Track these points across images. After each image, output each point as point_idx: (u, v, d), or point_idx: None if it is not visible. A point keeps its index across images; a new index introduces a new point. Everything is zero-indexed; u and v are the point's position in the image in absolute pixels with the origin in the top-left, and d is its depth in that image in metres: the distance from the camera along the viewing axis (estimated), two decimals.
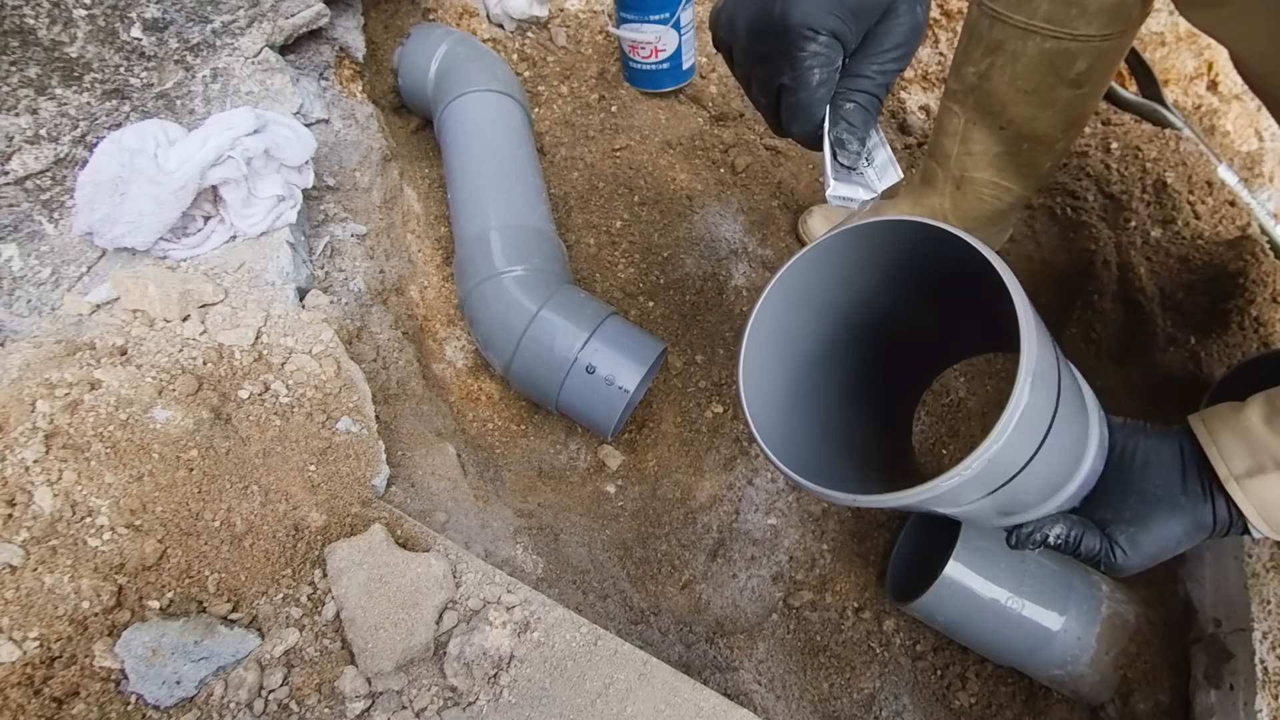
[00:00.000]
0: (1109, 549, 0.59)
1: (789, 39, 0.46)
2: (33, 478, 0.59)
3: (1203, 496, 0.58)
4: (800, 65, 0.47)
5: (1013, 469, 0.51)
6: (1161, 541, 0.59)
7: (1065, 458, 0.56)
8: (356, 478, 0.68)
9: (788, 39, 0.47)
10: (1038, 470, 0.53)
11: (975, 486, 0.51)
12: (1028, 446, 0.50)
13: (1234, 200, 1.08)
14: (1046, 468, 0.54)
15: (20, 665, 0.53)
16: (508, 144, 1.05)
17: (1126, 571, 0.60)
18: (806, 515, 1.02)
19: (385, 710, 0.57)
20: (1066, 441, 0.55)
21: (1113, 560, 0.59)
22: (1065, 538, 0.61)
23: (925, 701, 0.95)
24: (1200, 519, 0.58)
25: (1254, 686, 0.75)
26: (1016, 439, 0.47)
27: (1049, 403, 0.50)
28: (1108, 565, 0.60)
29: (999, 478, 0.51)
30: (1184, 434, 0.61)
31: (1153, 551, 0.59)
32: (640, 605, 0.90)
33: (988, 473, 0.49)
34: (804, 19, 0.45)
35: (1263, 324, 0.94)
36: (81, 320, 0.73)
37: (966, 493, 0.51)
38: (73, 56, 0.76)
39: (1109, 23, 0.73)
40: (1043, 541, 0.62)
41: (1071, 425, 0.54)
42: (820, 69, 0.48)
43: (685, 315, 1.12)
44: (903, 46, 0.50)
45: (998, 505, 0.57)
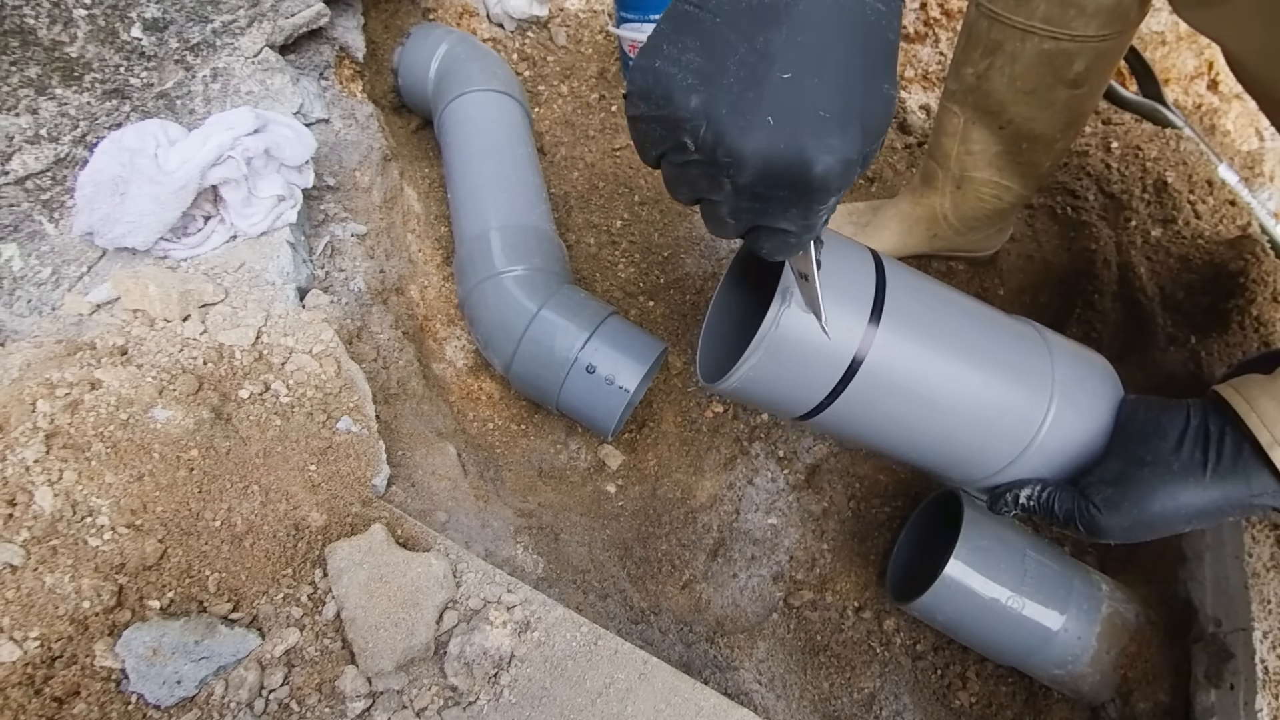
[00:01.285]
0: (1084, 507, 0.58)
1: (813, 196, 0.37)
2: (33, 477, 0.59)
3: (1204, 466, 0.55)
4: (814, 217, 0.39)
5: (806, 389, 0.57)
6: (1146, 505, 0.56)
7: (960, 411, 0.60)
8: (357, 477, 0.68)
9: (811, 196, 0.37)
10: (895, 407, 0.59)
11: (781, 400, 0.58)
12: (807, 379, 0.56)
13: (1234, 199, 1.08)
14: (917, 409, 0.59)
15: (21, 665, 0.53)
16: (508, 143, 1.05)
17: (1110, 534, 0.58)
18: (807, 515, 1.02)
19: (386, 710, 0.57)
20: (957, 397, 0.59)
21: (1088, 517, 0.57)
22: (1037, 498, 0.61)
23: (925, 701, 0.95)
24: (1208, 488, 0.55)
25: (1254, 686, 0.75)
26: (781, 352, 0.54)
27: (845, 329, 0.55)
28: (1085, 524, 0.58)
29: (793, 399, 0.58)
30: (1198, 405, 0.59)
31: (1137, 515, 0.56)
32: (640, 605, 0.90)
33: (770, 381, 0.56)
34: (842, 181, 0.36)
35: (1263, 323, 0.94)
36: (82, 320, 0.73)
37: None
38: (73, 56, 0.76)
39: (1107, 23, 0.73)
40: (1015, 504, 0.62)
41: (966, 379, 0.59)
42: (829, 215, 0.40)
43: (685, 315, 1.12)
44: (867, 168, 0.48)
45: (895, 441, 0.63)
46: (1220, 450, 0.55)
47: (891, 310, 0.56)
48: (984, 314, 0.64)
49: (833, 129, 0.35)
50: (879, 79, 0.37)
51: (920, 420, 0.60)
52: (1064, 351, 0.65)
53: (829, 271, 0.53)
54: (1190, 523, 0.56)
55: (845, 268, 0.56)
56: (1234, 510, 0.56)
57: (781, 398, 0.59)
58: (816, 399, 0.58)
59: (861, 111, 0.36)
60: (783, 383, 0.57)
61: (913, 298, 0.59)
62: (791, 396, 0.58)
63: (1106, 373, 0.66)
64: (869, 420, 0.60)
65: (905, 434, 0.62)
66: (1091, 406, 0.63)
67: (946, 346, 0.59)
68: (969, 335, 0.61)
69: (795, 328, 0.53)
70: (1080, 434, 0.62)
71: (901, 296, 0.57)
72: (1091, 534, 0.58)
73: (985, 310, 0.65)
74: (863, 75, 0.36)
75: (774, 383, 0.57)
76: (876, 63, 0.36)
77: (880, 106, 0.37)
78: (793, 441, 1.07)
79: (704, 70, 0.35)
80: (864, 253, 0.59)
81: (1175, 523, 0.57)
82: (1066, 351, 0.65)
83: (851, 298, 0.55)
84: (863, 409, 0.59)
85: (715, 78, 0.35)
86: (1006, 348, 0.62)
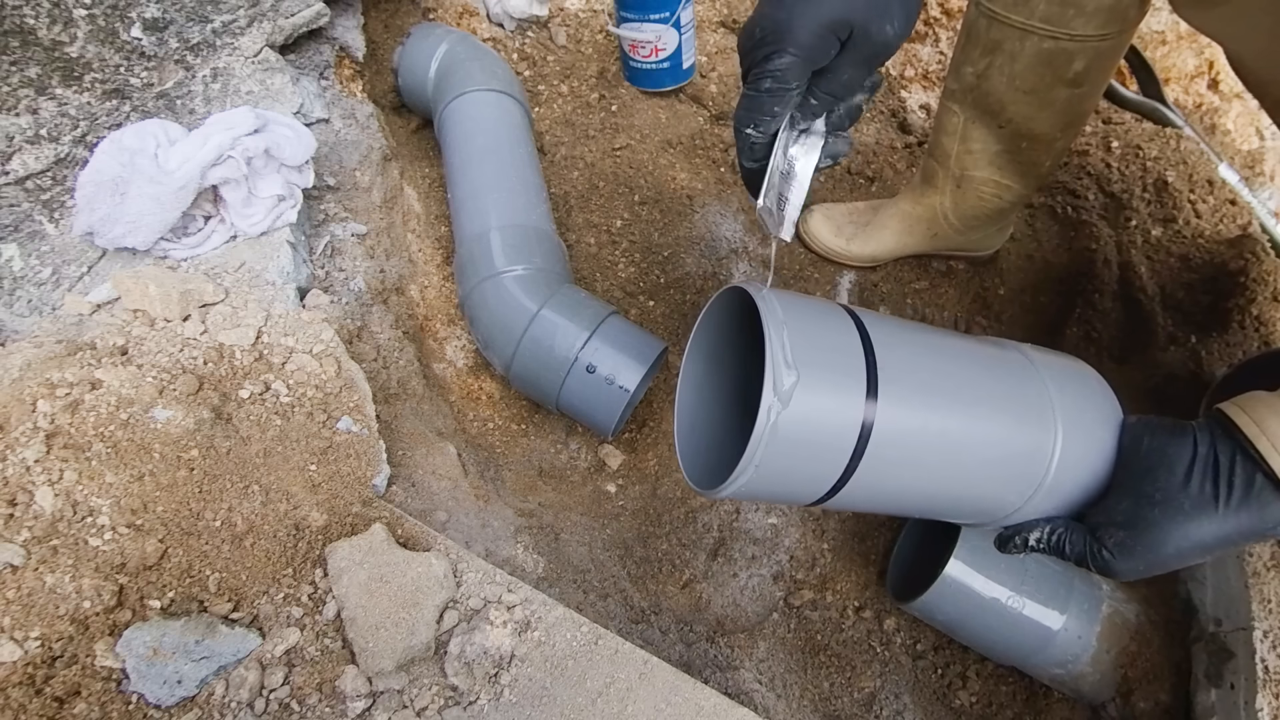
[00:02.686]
0: (1095, 550, 0.56)
1: (765, 43, 0.49)
2: (34, 477, 0.59)
3: (1215, 500, 0.52)
4: (765, 72, 0.50)
5: (814, 482, 0.54)
6: (1160, 548, 0.54)
7: (970, 466, 0.57)
8: (357, 477, 0.68)
9: (764, 44, 0.49)
10: (906, 476, 0.56)
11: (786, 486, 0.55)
12: (822, 458, 0.53)
13: (1235, 199, 1.08)
14: (928, 473, 0.57)
15: (22, 665, 0.53)
16: (508, 143, 1.05)
17: (1124, 576, 0.56)
18: (807, 515, 1.02)
19: (386, 709, 0.57)
20: (963, 450, 0.57)
21: (1101, 561, 0.56)
22: (1046, 540, 0.59)
23: (926, 700, 0.95)
24: (1222, 522, 0.52)
25: (1255, 685, 0.75)
26: (782, 454, 0.51)
27: (845, 414, 0.52)
28: (1098, 567, 0.57)
29: (805, 486, 0.55)
30: (1204, 428, 0.56)
31: (1151, 558, 0.54)
32: (641, 604, 0.90)
33: (774, 482, 0.53)
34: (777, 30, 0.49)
35: (1263, 323, 0.94)
36: (82, 320, 0.73)
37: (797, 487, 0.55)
38: (73, 56, 0.76)
39: (1106, 23, 0.73)
40: (1025, 545, 0.61)
41: (970, 432, 0.57)
42: (781, 84, 0.50)
43: (686, 314, 1.12)
44: (865, 73, 0.52)
45: (909, 506, 0.61)
46: (1232, 482, 0.53)
47: (886, 379, 0.54)
48: (972, 353, 0.61)
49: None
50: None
51: (933, 480, 0.58)
52: (1056, 374, 0.62)
53: (812, 350, 0.52)
54: (1204, 555, 0.54)
55: (829, 344, 0.53)
56: (1248, 540, 0.54)
57: (789, 492, 0.56)
58: (826, 487, 0.55)
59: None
60: (788, 478, 0.54)
61: (903, 358, 0.56)
62: (800, 489, 0.55)
63: (1101, 388, 0.64)
64: (884, 491, 0.58)
65: (920, 496, 0.59)
66: (1095, 431, 0.60)
67: (947, 401, 0.56)
68: (965, 382, 0.58)
69: (792, 426, 0.50)
70: (1088, 462, 0.59)
71: (892, 361, 0.55)
72: (1104, 574, 0.57)
73: (971, 346, 0.62)
74: None
75: (779, 479, 0.53)
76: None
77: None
78: None
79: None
80: (845, 321, 0.56)
81: (1189, 558, 0.55)
82: (1058, 373, 0.62)
83: (843, 376, 0.52)
84: (875, 483, 0.56)
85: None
86: (1003, 385, 0.60)
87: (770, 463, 0.51)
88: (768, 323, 0.51)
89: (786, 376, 0.50)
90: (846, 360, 0.53)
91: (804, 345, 0.51)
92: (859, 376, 0.53)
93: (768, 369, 0.50)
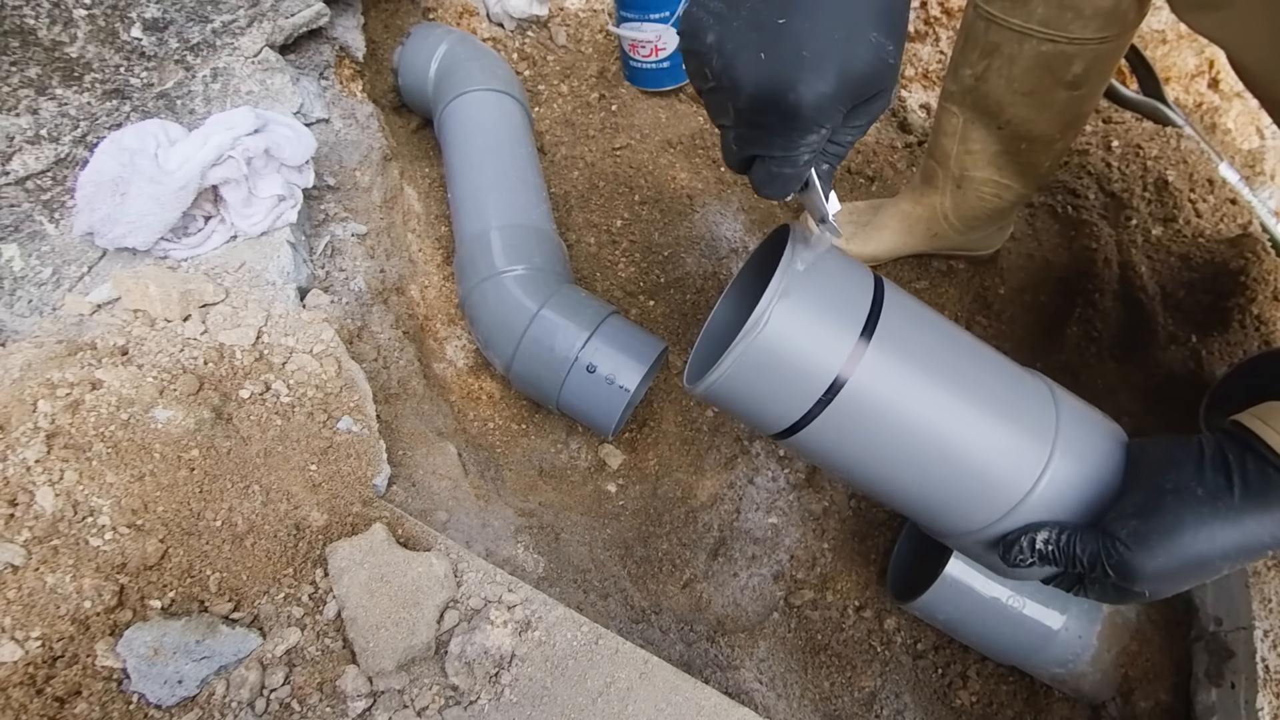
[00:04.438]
0: (1109, 546, 0.53)
1: (792, 126, 0.43)
2: (34, 478, 0.59)
3: (1230, 489, 0.51)
4: (795, 149, 0.44)
5: (781, 406, 0.54)
6: (1177, 535, 0.50)
7: (943, 457, 0.56)
8: (357, 477, 0.68)
9: (791, 125, 0.43)
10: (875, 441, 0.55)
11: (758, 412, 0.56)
12: (788, 390, 0.53)
13: (1235, 198, 1.08)
14: (898, 446, 0.56)
15: (23, 665, 0.53)
16: (508, 143, 1.05)
17: (1142, 574, 0.51)
18: (808, 514, 1.02)
19: (387, 709, 0.57)
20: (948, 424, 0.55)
21: (1116, 557, 0.52)
22: (1055, 541, 0.55)
23: (926, 700, 0.95)
24: (1239, 515, 0.50)
25: (1255, 685, 0.75)
26: (758, 364, 0.52)
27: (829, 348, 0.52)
28: (1114, 566, 0.52)
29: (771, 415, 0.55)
30: (1208, 438, 0.55)
31: (1169, 549, 0.51)
32: (641, 604, 0.90)
33: (744, 392, 0.54)
34: (816, 114, 0.42)
35: (1264, 322, 0.94)
36: (82, 320, 0.73)
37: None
38: (73, 56, 0.76)
39: (1105, 26, 0.73)
40: (1031, 549, 0.56)
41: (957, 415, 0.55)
42: (811, 153, 0.45)
43: (686, 314, 1.12)
44: (874, 119, 0.48)
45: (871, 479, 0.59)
46: (1245, 473, 0.51)
47: (885, 331, 0.53)
48: (986, 353, 0.60)
49: (810, 66, 0.41)
50: (866, 29, 0.42)
51: (906, 453, 0.56)
52: (1073, 407, 0.60)
53: (823, 280, 0.52)
54: (1227, 559, 0.51)
55: (842, 281, 0.54)
56: (1266, 545, 0.51)
57: (759, 409, 0.56)
58: (795, 414, 0.54)
59: (841, 56, 0.41)
60: (762, 391, 0.54)
61: (910, 322, 0.55)
62: (770, 409, 0.55)
63: (1111, 425, 0.62)
64: (850, 447, 0.56)
65: (889, 468, 0.57)
66: (1097, 455, 0.58)
67: (941, 377, 0.55)
68: (967, 369, 0.57)
69: (782, 329, 0.51)
70: (1086, 481, 0.57)
71: (898, 318, 0.54)
72: (1123, 577, 0.52)
73: (989, 351, 0.61)
74: (849, 25, 0.41)
75: (753, 389, 0.54)
76: (868, 15, 0.42)
77: (863, 52, 0.42)
78: None
79: (722, 13, 0.43)
80: (865, 272, 0.56)
81: (1211, 557, 0.51)
82: (1076, 408, 0.60)
83: (842, 310, 0.53)
84: (844, 433, 0.55)
85: (728, 20, 0.43)
86: (1007, 387, 0.58)
87: (745, 370, 0.52)
88: (792, 241, 0.52)
89: (788, 287, 0.51)
90: (852, 303, 0.53)
91: (819, 274, 0.52)
92: (857, 321, 0.53)
93: (775, 278, 0.51)
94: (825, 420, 0.54)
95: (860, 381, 0.53)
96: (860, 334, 0.53)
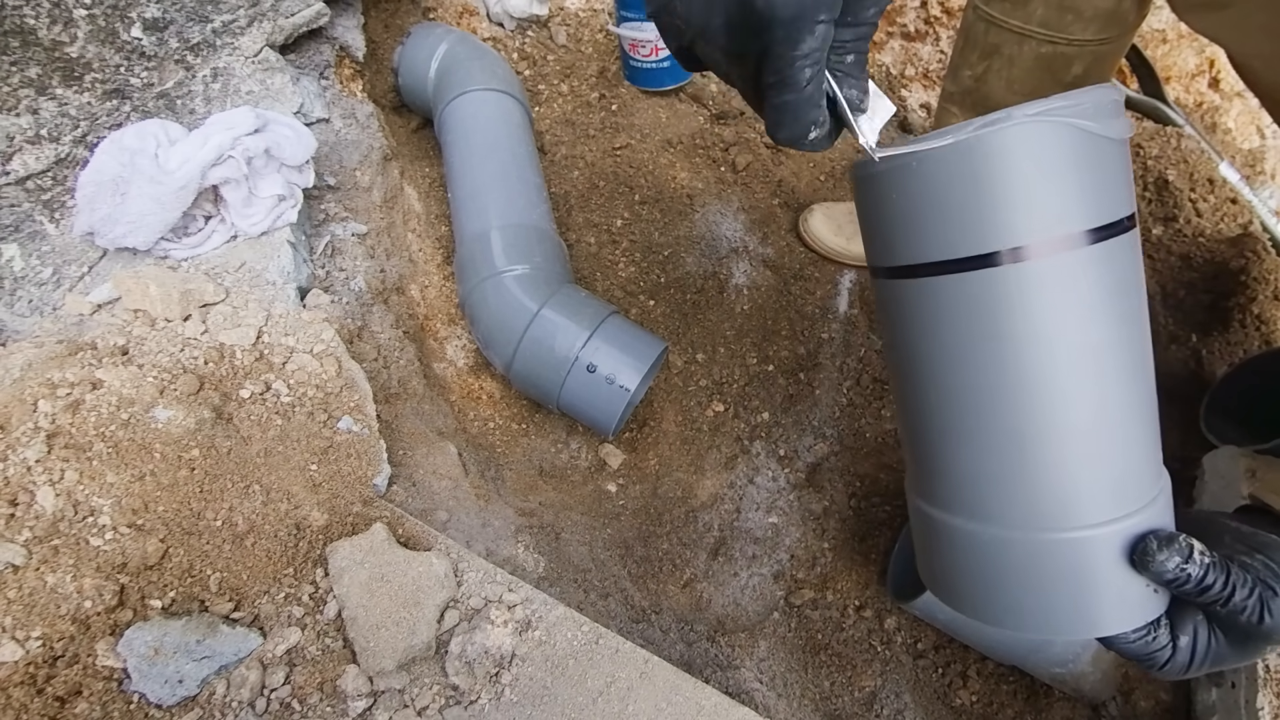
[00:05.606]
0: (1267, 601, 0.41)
1: (775, 38, 0.37)
2: (35, 477, 0.59)
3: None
4: (790, 67, 0.38)
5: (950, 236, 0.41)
6: None
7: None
8: (358, 477, 0.68)
9: (774, 38, 0.37)
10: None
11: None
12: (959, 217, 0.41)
13: (1235, 197, 1.08)
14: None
15: (23, 664, 0.53)
16: (508, 143, 1.05)
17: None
18: (808, 514, 1.02)
19: (387, 709, 0.57)
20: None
21: (1270, 619, 0.41)
22: (1211, 559, 0.42)
23: (926, 700, 0.95)
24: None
25: (1255, 685, 0.75)
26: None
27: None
28: (1266, 627, 0.42)
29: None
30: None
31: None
32: (641, 604, 0.90)
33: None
34: (795, 13, 0.36)
35: (1264, 321, 0.94)
36: (83, 320, 0.73)
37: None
38: (73, 56, 0.76)
39: (1104, 28, 0.73)
40: (1188, 556, 0.42)
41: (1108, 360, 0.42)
42: (811, 66, 0.38)
43: (686, 314, 1.12)
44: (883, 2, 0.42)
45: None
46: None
47: (1113, 252, 0.41)
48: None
49: None
50: None
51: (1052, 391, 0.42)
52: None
53: (1094, 159, 0.40)
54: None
55: (1113, 173, 0.42)
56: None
57: (924, 215, 0.43)
58: (946, 250, 0.42)
59: None
60: (943, 197, 0.42)
61: (1134, 268, 0.43)
62: (927, 225, 0.43)
63: None
64: (961, 335, 0.43)
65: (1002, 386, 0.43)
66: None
67: (1132, 337, 0.43)
68: (1141, 348, 0.44)
69: (1029, 147, 0.40)
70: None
71: (1131, 255, 0.42)
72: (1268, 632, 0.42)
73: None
74: None
75: (937, 190, 0.42)
76: None
77: None
78: (793, 441, 1.07)
79: None
80: (1130, 193, 0.44)
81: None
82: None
83: (1097, 190, 0.41)
84: (971, 314, 0.42)
85: None
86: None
87: (961, 159, 0.41)
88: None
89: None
90: (1111, 193, 0.42)
91: (1096, 147, 0.41)
92: (1101, 212, 0.41)
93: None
94: (966, 282, 0.42)
95: (1044, 270, 0.40)
96: (1091, 228, 0.40)
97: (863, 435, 1.08)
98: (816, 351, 1.13)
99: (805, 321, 1.14)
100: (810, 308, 1.15)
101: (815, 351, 1.13)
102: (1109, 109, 0.42)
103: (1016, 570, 0.46)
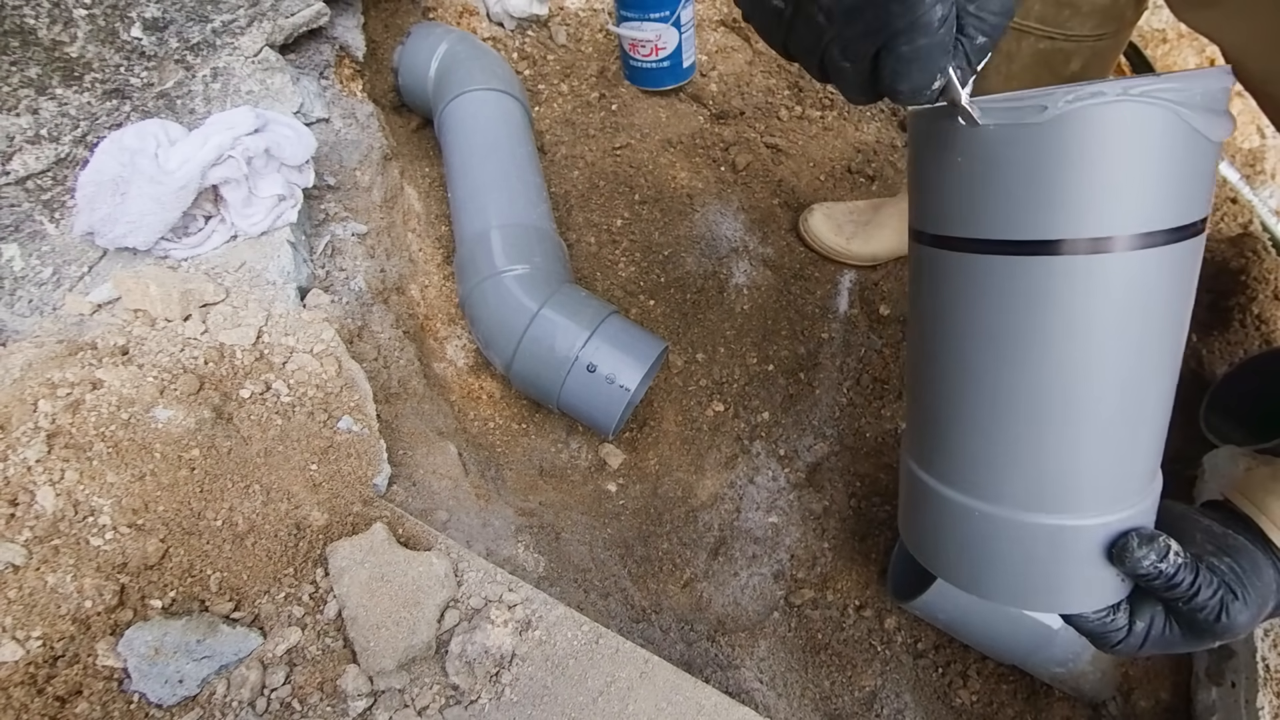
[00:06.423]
0: (1228, 598, 0.45)
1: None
2: (35, 477, 0.59)
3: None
4: (925, 9, 0.34)
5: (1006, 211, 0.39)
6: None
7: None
8: (358, 477, 0.68)
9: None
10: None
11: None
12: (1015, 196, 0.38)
13: (1235, 197, 1.08)
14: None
15: (23, 664, 0.53)
16: (508, 142, 1.05)
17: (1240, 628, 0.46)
18: (808, 513, 1.02)
19: (387, 709, 0.58)
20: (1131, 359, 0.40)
21: (1226, 620, 0.45)
22: (1185, 559, 0.45)
23: (927, 699, 0.95)
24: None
25: (1255, 684, 0.75)
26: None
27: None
28: (1221, 626, 0.45)
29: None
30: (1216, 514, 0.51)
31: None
32: (641, 603, 0.90)
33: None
34: None
35: (1264, 321, 0.94)
36: (83, 320, 0.73)
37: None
38: (73, 56, 0.76)
39: (1102, 23, 0.73)
40: (1164, 555, 0.44)
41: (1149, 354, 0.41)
42: (944, 5, 0.35)
43: (686, 314, 1.12)
44: None
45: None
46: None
47: (1180, 256, 0.39)
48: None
49: None
50: None
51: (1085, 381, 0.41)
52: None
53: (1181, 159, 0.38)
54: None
55: (1194, 174, 0.40)
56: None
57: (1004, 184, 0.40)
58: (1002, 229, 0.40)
59: None
60: (1027, 170, 0.38)
61: (1190, 280, 0.43)
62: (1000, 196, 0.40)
63: None
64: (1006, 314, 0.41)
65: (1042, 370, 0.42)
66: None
67: (1168, 342, 0.44)
68: (1172, 357, 0.45)
69: (1123, 132, 0.37)
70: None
71: (1190, 266, 0.41)
72: (1223, 629, 0.46)
73: None
74: None
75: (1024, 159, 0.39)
76: None
77: None
78: (793, 440, 1.07)
79: None
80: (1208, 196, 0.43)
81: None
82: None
83: (1179, 192, 0.38)
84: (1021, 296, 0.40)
85: None
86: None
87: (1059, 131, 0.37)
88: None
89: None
90: (1189, 195, 0.40)
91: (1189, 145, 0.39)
92: (1179, 213, 0.39)
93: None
94: (1026, 267, 0.39)
95: (1118, 266, 0.38)
96: (1172, 227, 0.38)
97: (863, 435, 1.08)
98: (816, 351, 1.13)
99: (805, 321, 1.14)
100: (810, 307, 1.15)
101: (815, 351, 1.13)
102: (1218, 97, 0.39)
103: (999, 546, 0.47)
